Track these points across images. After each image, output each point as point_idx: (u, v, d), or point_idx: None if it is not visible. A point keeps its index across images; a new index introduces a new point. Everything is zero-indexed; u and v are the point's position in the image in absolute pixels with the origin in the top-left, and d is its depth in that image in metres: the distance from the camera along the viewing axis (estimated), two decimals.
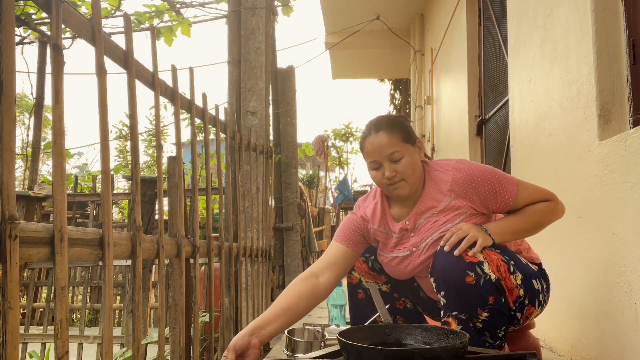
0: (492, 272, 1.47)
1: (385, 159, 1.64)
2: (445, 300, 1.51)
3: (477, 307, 1.47)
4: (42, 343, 4.51)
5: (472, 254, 1.48)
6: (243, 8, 3.73)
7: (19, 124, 10.60)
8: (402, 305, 1.92)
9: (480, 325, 1.49)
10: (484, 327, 1.49)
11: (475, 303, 1.47)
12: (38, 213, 5.23)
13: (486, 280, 1.46)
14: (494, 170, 1.64)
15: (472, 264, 1.47)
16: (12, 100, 0.92)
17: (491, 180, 1.61)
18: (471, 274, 1.47)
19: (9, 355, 0.89)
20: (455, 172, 1.63)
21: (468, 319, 1.49)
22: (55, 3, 1.08)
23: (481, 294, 1.46)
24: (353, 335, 1.32)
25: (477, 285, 1.46)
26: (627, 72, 1.70)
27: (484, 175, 1.62)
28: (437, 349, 1.22)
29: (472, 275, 1.46)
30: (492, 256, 1.50)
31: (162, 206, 1.67)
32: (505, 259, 1.52)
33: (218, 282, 2.85)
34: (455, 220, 1.63)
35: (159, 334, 1.58)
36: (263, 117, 3.62)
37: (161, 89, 1.68)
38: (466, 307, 1.48)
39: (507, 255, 1.54)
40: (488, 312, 1.48)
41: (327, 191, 8.87)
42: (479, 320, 1.49)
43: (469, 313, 1.48)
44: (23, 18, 4.27)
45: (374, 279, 1.89)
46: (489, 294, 1.46)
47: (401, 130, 1.65)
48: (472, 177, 1.61)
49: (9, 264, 0.89)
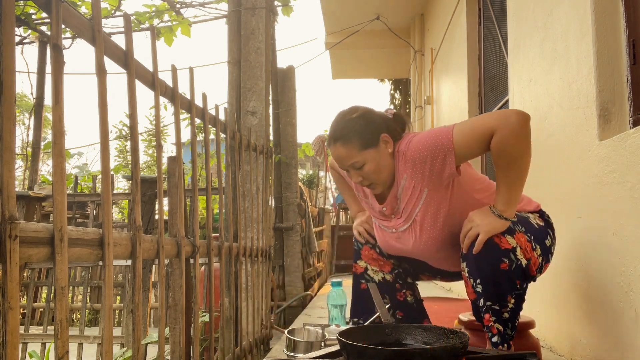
0: (523, 258, 1.53)
1: (349, 168, 1.65)
2: (481, 288, 1.54)
3: (508, 293, 1.52)
4: (42, 343, 4.51)
5: (475, 251, 1.52)
6: (243, 8, 3.73)
7: (19, 124, 10.60)
8: (403, 297, 1.92)
9: (507, 315, 1.54)
10: (509, 317, 1.54)
11: (507, 289, 1.52)
12: (38, 213, 5.23)
13: (517, 266, 1.52)
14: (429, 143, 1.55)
15: (507, 250, 1.51)
16: (12, 100, 0.91)
17: (425, 158, 1.55)
18: (505, 260, 1.51)
19: (9, 355, 0.89)
20: (403, 154, 1.62)
21: (500, 310, 1.53)
22: (55, 3, 1.08)
23: (512, 279, 1.52)
24: (353, 335, 1.32)
25: (510, 270, 1.51)
26: (627, 72, 1.70)
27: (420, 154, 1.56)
28: (437, 349, 1.22)
29: (507, 261, 1.51)
30: (521, 239, 1.54)
31: (162, 206, 1.67)
32: (529, 236, 1.57)
33: (218, 282, 2.85)
34: (420, 202, 1.64)
35: (159, 334, 1.58)
36: (263, 117, 3.62)
37: (161, 89, 1.68)
38: (500, 295, 1.53)
39: (527, 231, 1.58)
40: (514, 297, 1.54)
41: (327, 191, 8.87)
42: (507, 309, 1.54)
43: (500, 302, 1.53)
44: (23, 18, 4.27)
45: (381, 266, 1.89)
46: (518, 278, 1.53)
47: (358, 138, 1.61)
48: (412, 157, 1.58)
49: (9, 264, 0.89)
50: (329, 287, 3.89)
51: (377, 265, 1.90)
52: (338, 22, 6.11)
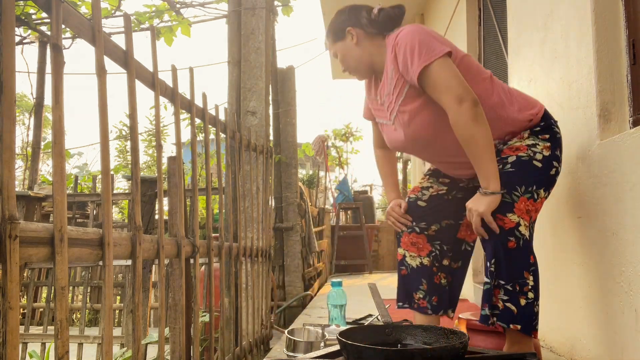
0: (526, 230, 1.60)
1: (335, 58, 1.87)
2: (494, 267, 1.61)
3: (524, 269, 1.58)
4: (42, 343, 4.51)
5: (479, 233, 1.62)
6: (243, 8, 3.73)
7: (19, 124, 10.59)
8: (438, 281, 1.95)
9: (532, 294, 1.58)
10: (535, 296, 1.58)
11: (522, 266, 1.58)
12: (38, 213, 5.23)
13: (524, 241, 1.59)
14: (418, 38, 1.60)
15: (511, 229, 1.58)
16: (12, 100, 0.92)
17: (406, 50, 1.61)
18: (512, 238, 1.58)
19: (9, 355, 0.89)
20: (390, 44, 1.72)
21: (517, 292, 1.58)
22: (55, 3, 1.08)
23: (524, 256, 1.58)
24: (353, 335, 1.32)
25: (519, 247, 1.58)
26: (627, 72, 1.70)
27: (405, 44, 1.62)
28: (437, 349, 1.22)
29: (513, 239, 1.58)
30: (521, 206, 1.60)
31: (162, 206, 1.67)
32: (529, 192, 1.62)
33: (218, 282, 2.85)
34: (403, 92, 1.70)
35: (159, 334, 1.58)
36: (263, 117, 3.62)
37: (161, 89, 1.68)
38: (514, 274, 1.58)
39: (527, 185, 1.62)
40: (532, 274, 1.59)
41: (327, 191, 8.87)
42: (528, 286, 1.58)
43: (517, 280, 1.58)
44: (23, 18, 4.27)
45: (419, 250, 1.93)
46: (530, 252, 1.60)
47: (332, 33, 1.83)
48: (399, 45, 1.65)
49: (9, 264, 0.89)
50: (329, 287, 3.89)
51: (415, 250, 1.92)
52: None
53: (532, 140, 1.69)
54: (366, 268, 6.49)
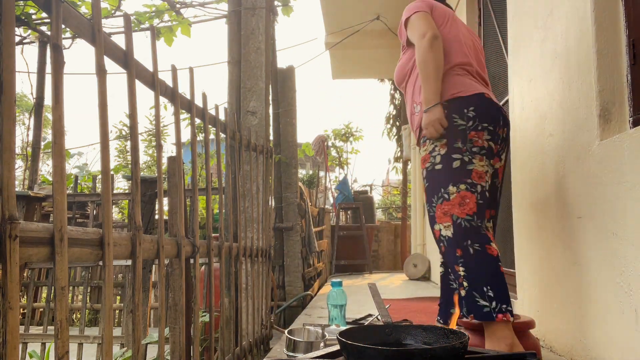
0: (448, 230, 1.81)
1: None
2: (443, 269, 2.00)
3: (454, 264, 1.78)
4: (42, 343, 4.51)
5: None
6: (243, 8, 3.73)
7: (19, 124, 10.60)
8: None
9: (466, 282, 1.74)
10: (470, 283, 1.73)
11: (453, 262, 1.79)
12: (38, 213, 5.23)
13: (448, 240, 1.80)
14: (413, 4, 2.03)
15: (439, 237, 1.84)
16: (12, 100, 0.92)
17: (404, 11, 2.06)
18: (441, 244, 1.84)
19: (9, 355, 0.89)
20: None
21: (459, 286, 1.78)
22: (55, 3, 1.08)
23: (451, 253, 1.79)
24: (353, 335, 1.32)
25: (447, 249, 1.81)
26: (627, 72, 1.70)
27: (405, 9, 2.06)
28: (437, 349, 1.22)
29: (442, 245, 1.83)
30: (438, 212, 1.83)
31: (162, 206, 1.67)
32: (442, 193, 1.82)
33: (218, 282, 2.85)
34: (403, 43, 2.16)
35: (159, 334, 1.58)
36: (263, 117, 3.62)
37: (161, 89, 1.68)
38: (453, 272, 1.80)
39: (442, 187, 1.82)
40: (462, 265, 1.76)
41: (327, 191, 8.86)
42: (462, 277, 1.75)
43: (456, 276, 1.79)
44: (23, 18, 4.27)
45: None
46: (457, 247, 1.77)
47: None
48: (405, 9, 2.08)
49: (9, 264, 0.89)
50: (329, 287, 3.89)
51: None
52: (338, 22, 6.11)
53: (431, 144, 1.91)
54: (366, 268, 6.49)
